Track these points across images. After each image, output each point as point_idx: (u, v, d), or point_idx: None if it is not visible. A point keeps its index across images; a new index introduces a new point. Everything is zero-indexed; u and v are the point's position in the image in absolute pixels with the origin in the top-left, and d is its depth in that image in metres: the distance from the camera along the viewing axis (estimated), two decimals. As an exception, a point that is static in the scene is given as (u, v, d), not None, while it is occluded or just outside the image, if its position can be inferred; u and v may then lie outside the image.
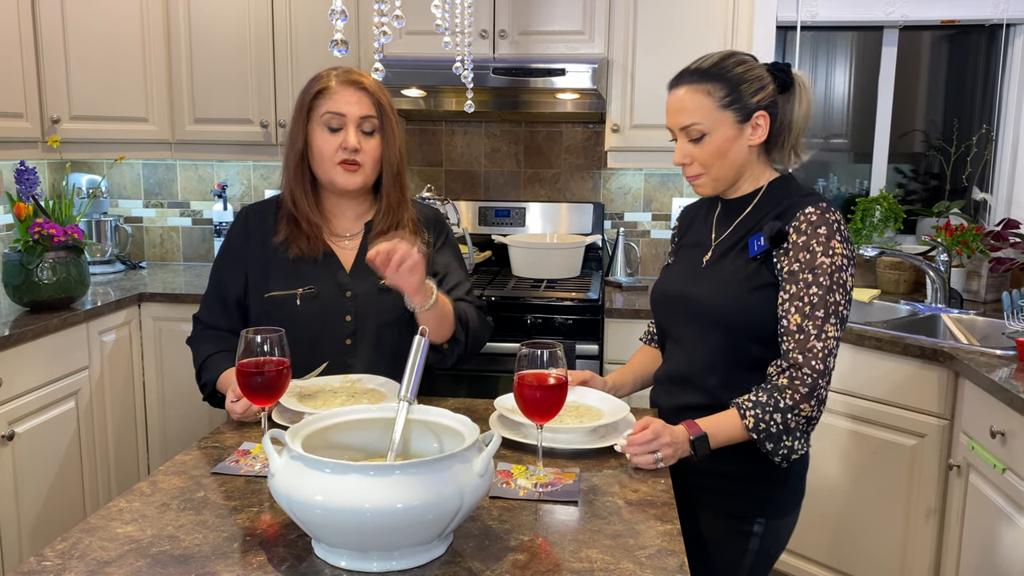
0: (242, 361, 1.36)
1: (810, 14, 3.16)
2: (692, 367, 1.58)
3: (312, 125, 1.73)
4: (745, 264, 1.52)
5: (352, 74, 1.75)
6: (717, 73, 1.51)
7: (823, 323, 1.43)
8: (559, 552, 1.12)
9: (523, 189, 3.49)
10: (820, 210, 1.47)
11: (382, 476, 1.03)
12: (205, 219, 3.61)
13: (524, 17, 2.98)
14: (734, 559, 1.57)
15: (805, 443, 1.49)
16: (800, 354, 1.43)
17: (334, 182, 1.74)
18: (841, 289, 1.45)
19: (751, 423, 1.43)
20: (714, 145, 1.52)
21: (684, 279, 1.63)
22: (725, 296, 1.52)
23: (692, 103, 1.52)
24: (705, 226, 1.67)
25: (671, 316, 1.65)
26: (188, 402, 3.01)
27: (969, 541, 2.17)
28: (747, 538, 1.55)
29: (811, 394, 1.42)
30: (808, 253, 1.45)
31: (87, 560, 1.08)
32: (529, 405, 1.32)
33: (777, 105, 1.54)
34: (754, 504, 1.55)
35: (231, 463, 1.40)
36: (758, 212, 1.56)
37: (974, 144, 3.25)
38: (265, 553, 1.11)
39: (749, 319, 1.50)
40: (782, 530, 1.60)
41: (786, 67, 1.56)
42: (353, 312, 1.75)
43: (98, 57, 3.05)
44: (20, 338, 2.36)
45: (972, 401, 2.16)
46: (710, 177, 1.56)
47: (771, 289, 1.50)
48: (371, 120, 1.73)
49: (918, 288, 3.07)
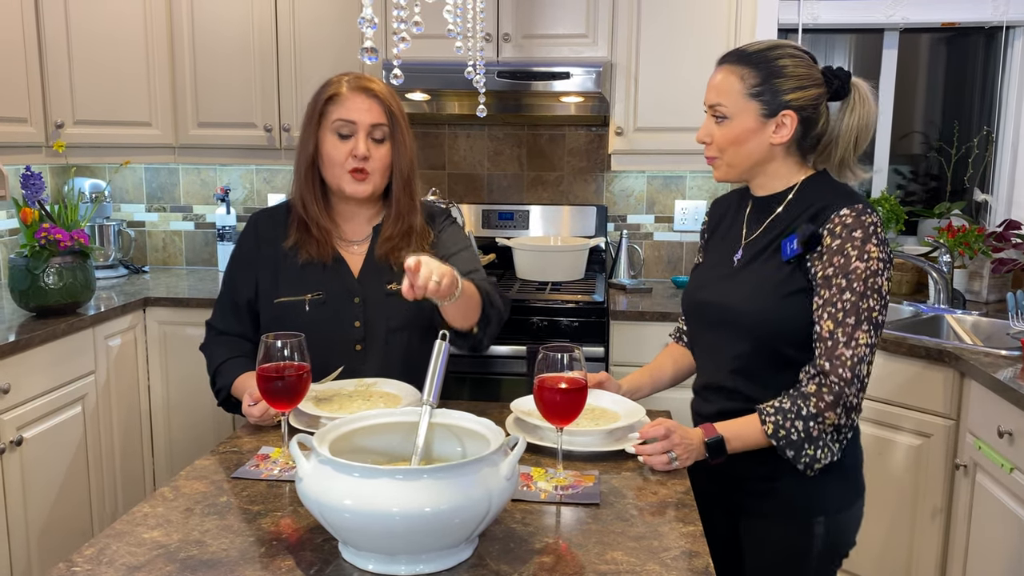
0: (262, 366, 1.36)
1: (812, 16, 3.18)
2: (728, 375, 1.54)
3: (323, 131, 1.73)
4: (778, 268, 1.48)
5: (363, 81, 1.75)
6: (757, 60, 1.48)
7: (854, 330, 1.39)
8: (584, 554, 1.13)
9: (526, 192, 3.50)
10: (856, 212, 1.42)
11: (411, 480, 1.03)
12: (208, 223, 3.61)
13: (528, 20, 2.99)
14: (797, 562, 1.52)
15: (830, 452, 1.44)
16: (828, 361, 1.40)
17: (343, 189, 1.74)
18: (876, 295, 1.40)
19: (770, 429, 1.41)
20: (733, 132, 1.49)
21: (714, 283, 1.59)
22: (758, 303, 1.48)
23: (724, 84, 1.49)
24: (735, 224, 1.62)
25: (703, 324, 1.62)
26: (193, 406, 3.01)
27: (976, 540, 2.18)
28: (810, 540, 1.50)
29: (836, 402, 1.39)
30: (843, 257, 1.41)
31: (116, 565, 1.08)
32: (550, 408, 1.33)
33: (817, 110, 1.49)
34: (811, 500, 1.50)
35: (251, 467, 1.41)
36: (791, 212, 1.51)
37: (975, 146, 3.27)
38: (292, 557, 1.11)
39: (783, 326, 1.46)
40: (847, 523, 1.54)
41: (845, 74, 1.49)
42: (362, 318, 1.75)
43: (102, 61, 3.05)
44: (27, 343, 2.36)
45: (979, 401, 2.18)
46: (724, 162, 1.53)
47: (805, 295, 1.45)
48: (382, 128, 1.73)
49: (920, 289, 3.10)
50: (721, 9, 2.94)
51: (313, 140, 1.74)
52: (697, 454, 1.42)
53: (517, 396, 1.68)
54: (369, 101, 1.72)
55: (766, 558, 1.54)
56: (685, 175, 3.39)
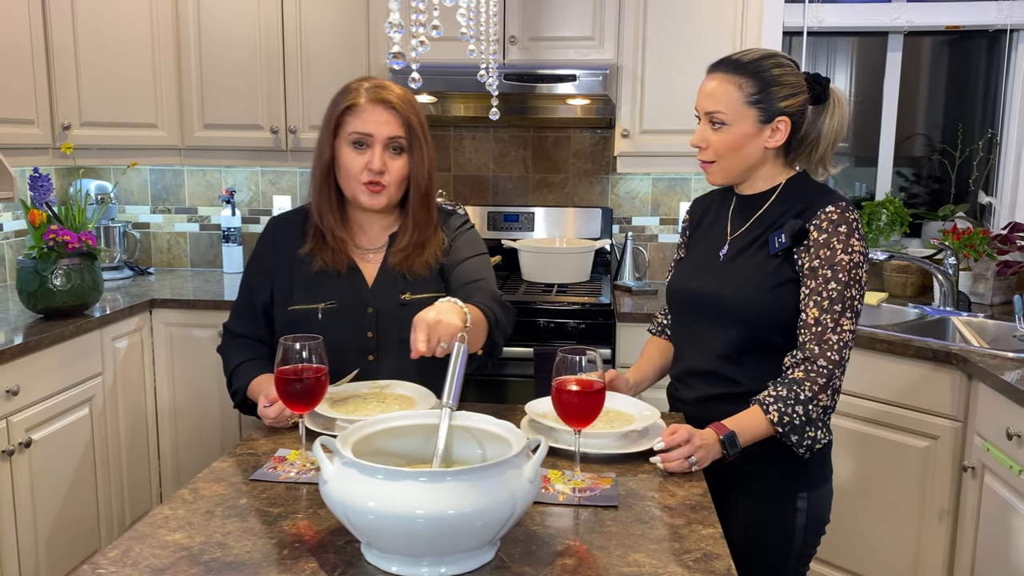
0: (281, 368, 1.36)
1: (816, 20, 3.19)
2: (713, 360, 1.63)
3: (339, 141, 1.71)
4: (766, 261, 1.58)
5: (382, 91, 1.70)
6: (753, 70, 1.56)
7: (840, 317, 1.50)
8: (606, 557, 1.13)
9: (531, 194, 3.50)
10: (840, 209, 1.54)
11: (435, 482, 1.04)
12: (213, 225, 3.61)
13: (535, 23, 2.99)
14: (785, 537, 1.61)
15: (826, 432, 1.57)
16: (816, 346, 1.50)
17: (358, 200, 1.73)
18: (857, 285, 1.52)
19: (775, 417, 1.49)
20: (732, 137, 1.57)
21: (701, 275, 1.67)
22: (748, 292, 1.58)
23: (721, 92, 1.57)
24: (719, 220, 1.71)
25: (689, 312, 1.70)
26: (200, 408, 3.02)
27: (984, 542, 2.19)
28: (793, 514, 1.60)
29: (827, 384, 1.49)
30: (828, 250, 1.52)
31: (140, 568, 1.08)
32: (568, 411, 1.34)
33: (804, 114, 1.59)
34: (792, 480, 1.60)
35: (268, 470, 1.41)
36: (776, 209, 1.61)
37: (979, 148, 3.28)
38: (315, 559, 1.11)
39: (771, 313, 1.56)
40: (823, 499, 1.65)
41: (824, 80, 1.60)
42: (375, 327, 1.75)
43: (108, 63, 3.05)
44: (36, 345, 2.36)
45: (986, 403, 2.19)
46: (720, 167, 1.61)
47: (792, 285, 1.56)
48: (399, 140, 1.70)
49: (924, 291, 3.11)
50: (726, 12, 2.95)
51: (329, 148, 1.73)
52: (713, 454, 1.46)
53: (524, 398, 1.72)
54: (387, 113, 1.69)
55: (761, 534, 1.62)
56: (690, 177, 3.40)
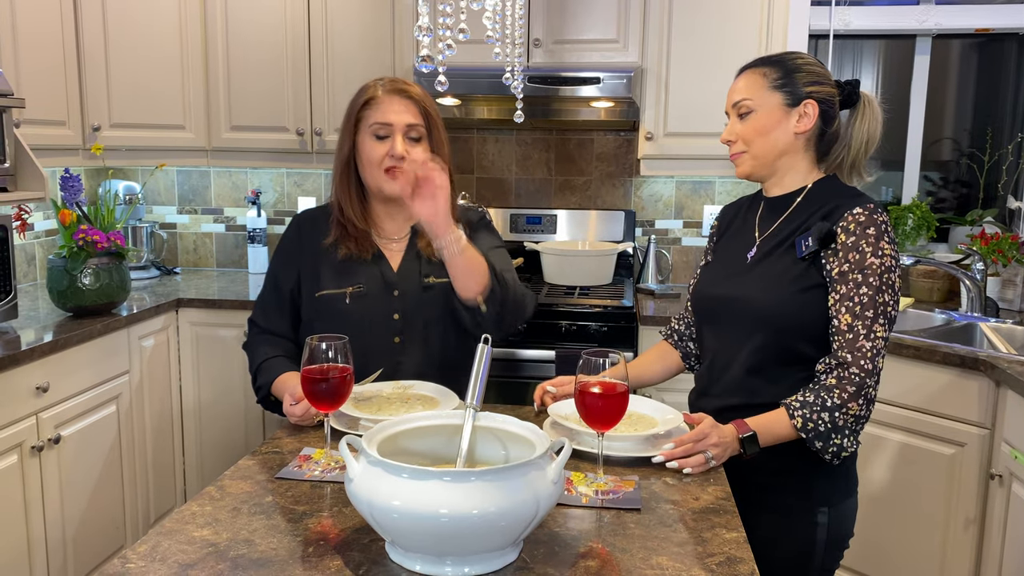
0: (307, 367, 1.38)
1: (843, 23, 3.17)
2: (739, 367, 1.59)
3: (360, 135, 1.78)
4: (793, 264, 1.54)
5: (398, 83, 1.79)
6: (777, 60, 1.60)
7: (872, 323, 1.45)
8: (628, 559, 1.13)
9: (554, 196, 3.51)
10: (868, 211, 1.50)
11: (459, 482, 1.04)
12: (239, 225, 3.65)
13: (559, 26, 3.00)
14: (805, 553, 1.58)
15: (855, 440, 1.51)
16: (849, 353, 1.45)
17: (381, 188, 1.78)
18: (890, 290, 1.48)
19: (799, 423, 1.46)
20: (759, 121, 1.57)
21: (727, 279, 1.65)
22: (774, 297, 1.54)
23: (746, 82, 1.60)
24: (747, 225, 1.69)
25: (715, 317, 1.67)
26: (224, 406, 3.05)
27: (1011, 551, 2.16)
28: (813, 529, 1.56)
29: (859, 393, 1.45)
30: (857, 253, 1.48)
31: (169, 563, 1.10)
32: (592, 413, 1.34)
33: (834, 107, 1.58)
34: (814, 495, 1.56)
35: (294, 468, 1.42)
36: (803, 211, 1.58)
37: (1008, 152, 3.24)
38: (340, 557, 1.12)
39: (798, 320, 1.52)
40: (846, 513, 1.61)
41: (854, 82, 1.60)
42: (400, 310, 1.78)
43: (138, 66, 3.09)
44: (66, 343, 2.40)
45: (1015, 410, 2.16)
46: (750, 155, 1.60)
47: (820, 290, 1.52)
48: (417, 128, 1.76)
49: (951, 297, 3.07)
50: (753, 13, 2.93)
51: (349, 143, 1.79)
52: (731, 451, 1.45)
53: None
54: (404, 103, 1.76)
55: (777, 549, 1.57)
56: (714, 180, 3.39)
